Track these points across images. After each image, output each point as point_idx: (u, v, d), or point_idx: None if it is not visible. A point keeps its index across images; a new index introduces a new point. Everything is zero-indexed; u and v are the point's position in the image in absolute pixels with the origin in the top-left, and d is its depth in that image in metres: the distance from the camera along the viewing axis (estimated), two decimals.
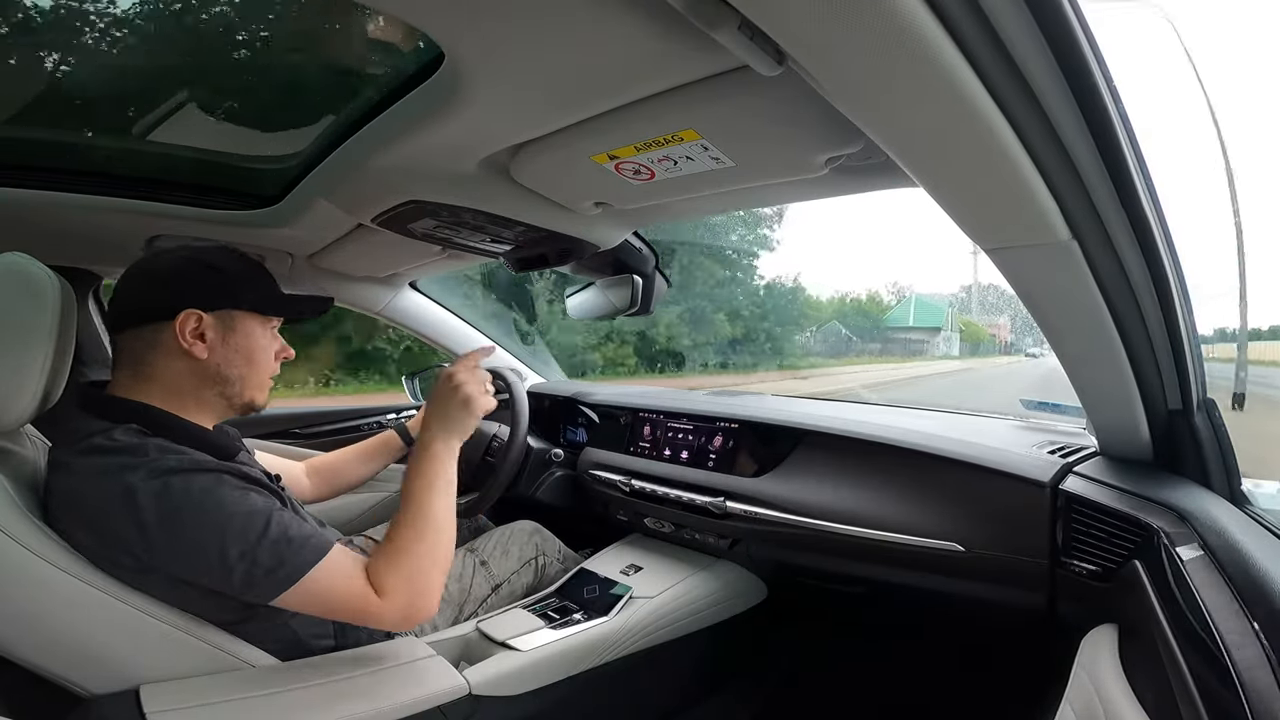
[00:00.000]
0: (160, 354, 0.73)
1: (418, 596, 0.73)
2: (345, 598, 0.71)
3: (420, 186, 0.88)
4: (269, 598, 0.68)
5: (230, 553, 0.66)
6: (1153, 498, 0.73)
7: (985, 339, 20.06)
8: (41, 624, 0.64)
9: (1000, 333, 19.67)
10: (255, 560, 0.67)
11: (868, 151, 0.68)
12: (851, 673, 1.29)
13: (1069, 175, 0.53)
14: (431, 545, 0.76)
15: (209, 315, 0.74)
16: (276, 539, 0.68)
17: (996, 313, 19.56)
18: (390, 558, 0.74)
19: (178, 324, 0.72)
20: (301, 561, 0.69)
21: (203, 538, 0.66)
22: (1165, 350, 0.70)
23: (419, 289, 1.66)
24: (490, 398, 0.88)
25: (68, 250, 1.24)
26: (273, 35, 0.85)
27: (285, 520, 0.70)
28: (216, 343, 0.75)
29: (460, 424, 0.84)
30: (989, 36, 0.42)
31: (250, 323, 0.78)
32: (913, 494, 0.97)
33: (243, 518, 0.67)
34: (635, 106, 0.64)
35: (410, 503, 0.78)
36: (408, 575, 0.73)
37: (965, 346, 18.90)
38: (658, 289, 1.31)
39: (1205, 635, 0.48)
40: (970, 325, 19.55)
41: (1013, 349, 19.01)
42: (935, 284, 33.80)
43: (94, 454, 0.67)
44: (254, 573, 0.67)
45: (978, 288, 19.73)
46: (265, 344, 0.80)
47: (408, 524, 0.76)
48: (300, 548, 0.69)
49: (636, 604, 1.06)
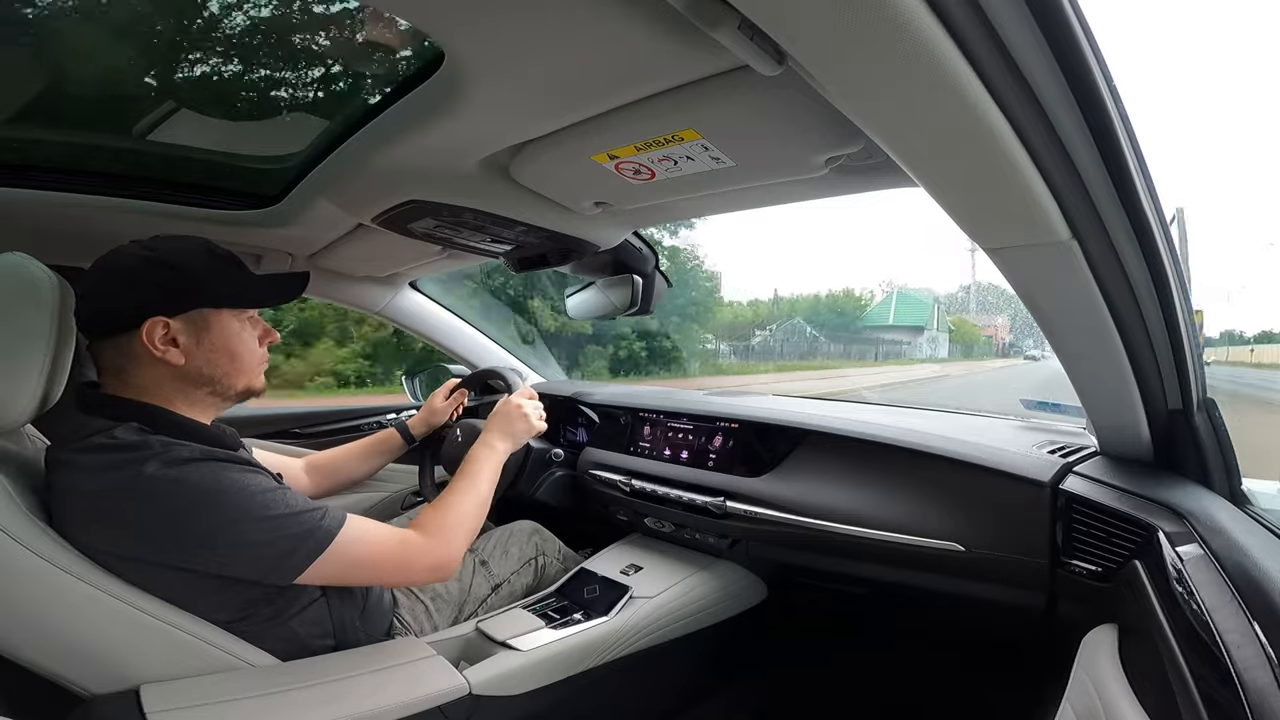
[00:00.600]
0: (136, 364, 0.71)
1: (452, 542, 0.82)
2: (380, 548, 0.75)
3: (420, 186, 0.88)
4: (302, 569, 0.69)
5: (260, 529, 0.67)
6: (1153, 498, 0.73)
7: (980, 340, 19.34)
8: (41, 624, 0.64)
9: (998, 333, 19.20)
10: (285, 533, 0.68)
11: (868, 151, 0.69)
12: (851, 672, 1.29)
13: (1069, 175, 0.53)
14: (473, 507, 0.87)
15: (176, 320, 0.71)
16: (298, 510, 0.70)
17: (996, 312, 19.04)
18: (440, 505, 0.85)
19: (144, 334, 0.70)
20: (328, 527, 0.71)
21: (229, 520, 0.66)
22: (1165, 350, 0.70)
23: (419, 289, 1.67)
24: (544, 422, 1.07)
25: (68, 250, 1.23)
26: (272, 35, 0.85)
27: (300, 496, 0.72)
28: (191, 346, 0.73)
29: (518, 438, 1.03)
30: (989, 36, 0.42)
31: (223, 318, 0.75)
32: (913, 494, 0.97)
33: (263, 496, 0.68)
34: (635, 106, 0.64)
35: (466, 475, 0.91)
36: (451, 523, 0.83)
37: (957, 348, 18.05)
38: (658, 288, 1.32)
39: (1205, 635, 0.48)
40: (962, 324, 18.91)
41: (1012, 350, 18.47)
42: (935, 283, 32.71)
43: (97, 451, 0.67)
44: (284, 545, 0.68)
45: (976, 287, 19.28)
46: (245, 336, 0.78)
47: (461, 489, 0.88)
48: (323, 515, 0.72)
49: (636, 604, 1.05)
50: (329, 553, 0.70)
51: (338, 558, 0.71)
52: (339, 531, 0.71)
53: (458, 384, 1.35)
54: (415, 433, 1.24)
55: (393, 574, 0.80)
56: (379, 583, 0.86)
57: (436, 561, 0.80)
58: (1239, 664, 0.44)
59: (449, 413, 1.32)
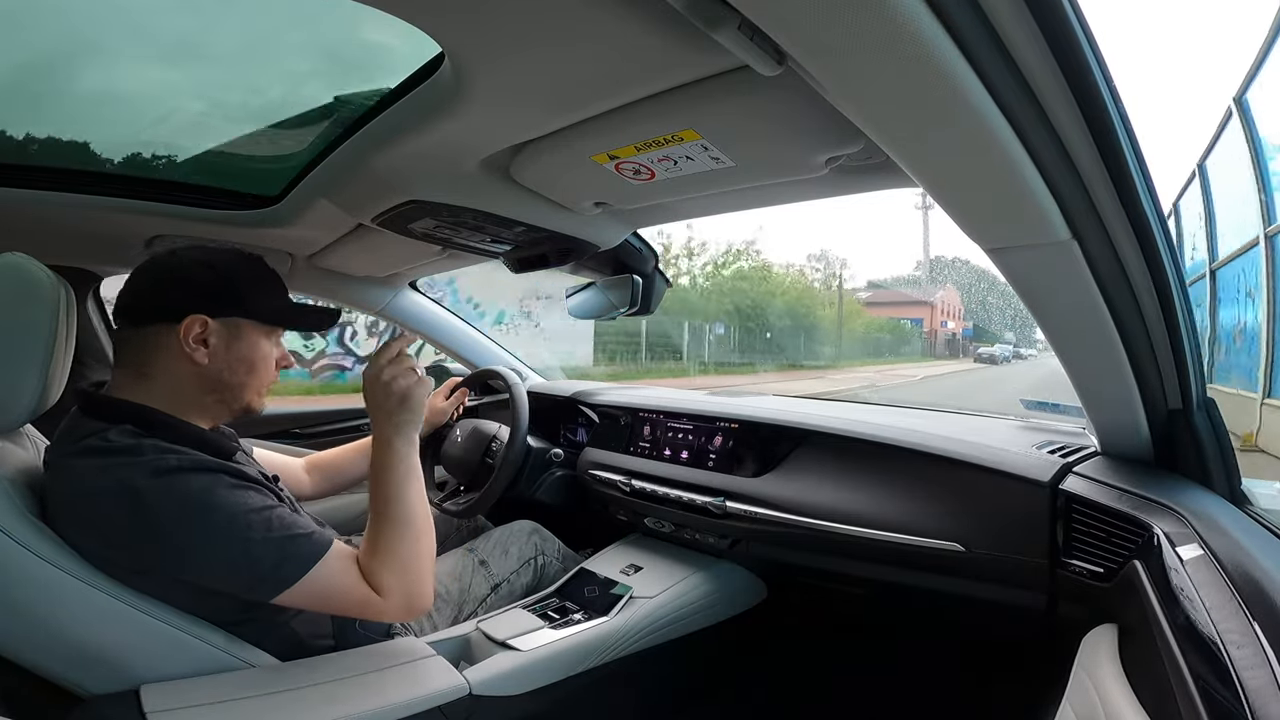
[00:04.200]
0: (162, 355, 0.73)
1: (413, 587, 0.75)
2: (347, 594, 0.72)
3: (420, 186, 0.88)
4: (271, 596, 0.69)
5: (233, 551, 0.66)
6: (1153, 498, 0.73)
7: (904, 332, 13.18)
8: (41, 624, 0.64)
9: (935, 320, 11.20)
10: (257, 559, 0.67)
11: (868, 151, 0.68)
12: (851, 672, 1.29)
13: (1069, 175, 0.53)
14: (415, 537, 0.76)
15: (215, 321, 0.74)
16: (278, 537, 0.68)
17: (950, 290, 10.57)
18: (379, 557, 0.74)
19: (183, 328, 0.72)
20: (303, 559, 0.69)
21: (204, 538, 0.66)
22: (1165, 350, 0.70)
23: (419, 289, 1.67)
24: (427, 379, 0.83)
25: (68, 250, 1.24)
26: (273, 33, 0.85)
27: (285, 518, 0.70)
28: (220, 349, 0.75)
29: (407, 419, 0.80)
30: (989, 37, 0.42)
31: (255, 332, 0.78)
32: (913, 494, 0.97)
33: (243, 516, 0.67)
34: (635, 106, 0.64)
35: (385, 500, 0.77)
36: (399, 571, 0.74)
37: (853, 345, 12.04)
38: (657, 288, 1.32)
39: (1205, 635, 0.48)
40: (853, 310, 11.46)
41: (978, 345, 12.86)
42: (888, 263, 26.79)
43: (88, 455, 0.67)
44: (256, 571, 0.67)
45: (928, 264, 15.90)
46: (268, 353, 0.80)
47: (387, 521, 0.76)
48: (301, 545, 0.70)
49: (636, 604, 1.06)
50: (297, 588, 0.69)
51: (305, 593, 0.70)
52: (311, 568, 0.69)
53: (459, 383, 1.36)
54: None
55: (364, 617, 0.78)
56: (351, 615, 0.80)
57: (404, 610, 0.75)
58: (1239, 664, 0.44)
59: (450, 412, 1.33)
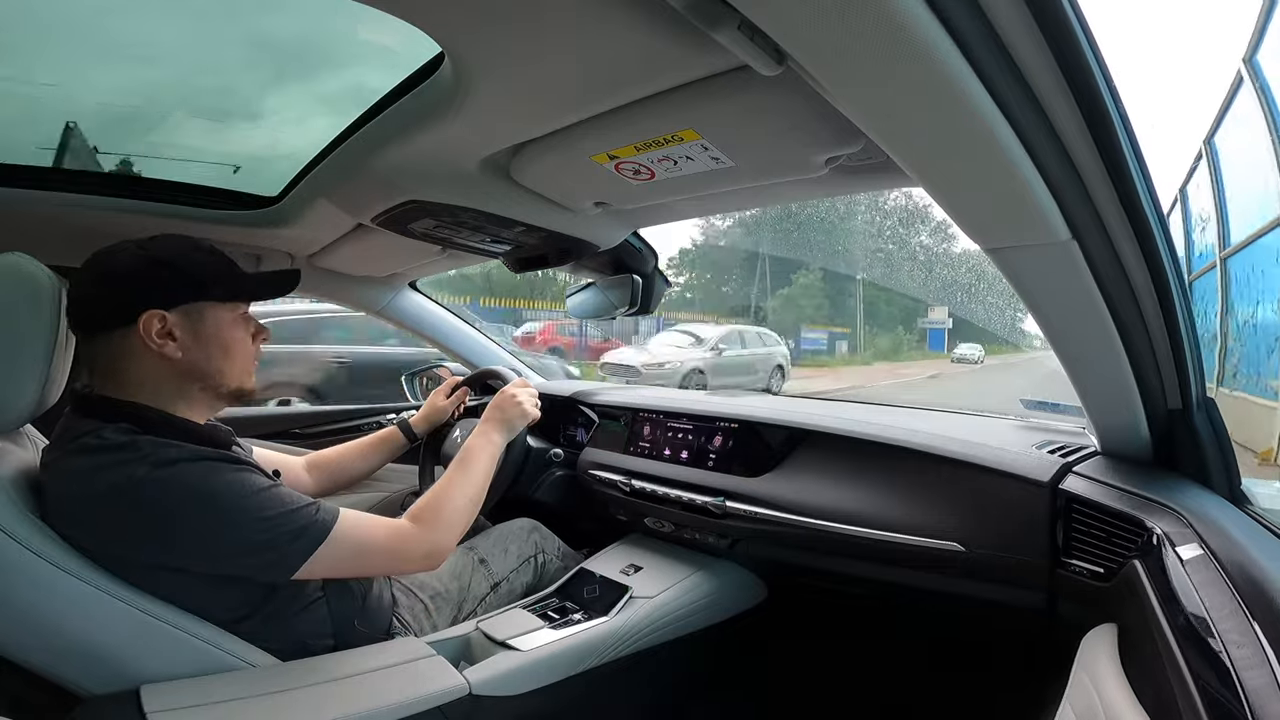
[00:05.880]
0: (133, 359, 0.72)
1: (445, 530, 0.83)
2: (373, 536, 0.76)
3: (420, 186, 0.88)
4: (298, 565, 0.70)
5: (252, 529, 0.67)
6: (1153, 497, 0.73)
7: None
8: (42, 624, 0.64)
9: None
10: (279, 530, 0.68)
11: (868, 151, 0.69)
12: (851, 671, 1.29)
13: (1069, 175, 0.53)
14: (467, 497, 0.88)
15: (172, 313, 0.72)
16: (292, 508, 0.70)
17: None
18: (434, 494, 0.86)
19: (141, 327, 0.70)
20: (323, 521, 0.72)
21: (218, 521, 0.66)
22: (1165, 350, 0.70)
23: (419, 289, 1.67)
24: (538, 409, 1.08)
25: (68, 250, 1.24)
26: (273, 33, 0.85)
27: (293, 493, 0.73)
28: (188, 339, 0.74)
29: (515, 428, 1.04)
30: (989, 36, 0.42)
31: (217, 312, 0.77)
32: (913, 494, 0.97)
33: (253, 496, 0.68)
34: (635, 106, 0.64)
35: (462, 465, 0.92)
36: (445, 511, 0.84)
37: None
38: (657, 288, 1.32)
39: (1205, 635, 0.48)
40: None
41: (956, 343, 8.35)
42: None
43: (84, 454, 0.66)
44: (279, 542, 0.68)
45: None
46: (238, 331, 0.79)
47: (456, 479, 0.89)
48: (316, 511, 0.72)
49: (636, 604, 1.05)
50: (324, 547, 0.71)
51: (333, 551, 0.72)
52: (334, 525, 0.72)
53: (459, 383, 1.36)
54: (417, 430, 1.25)
55: (386, 561, 0.81)
56: (373, 573, 0.86)
57: (429, 548, 0.81)
58: (1238, 664, 0.44)
59: (451, 411, 1.33)
